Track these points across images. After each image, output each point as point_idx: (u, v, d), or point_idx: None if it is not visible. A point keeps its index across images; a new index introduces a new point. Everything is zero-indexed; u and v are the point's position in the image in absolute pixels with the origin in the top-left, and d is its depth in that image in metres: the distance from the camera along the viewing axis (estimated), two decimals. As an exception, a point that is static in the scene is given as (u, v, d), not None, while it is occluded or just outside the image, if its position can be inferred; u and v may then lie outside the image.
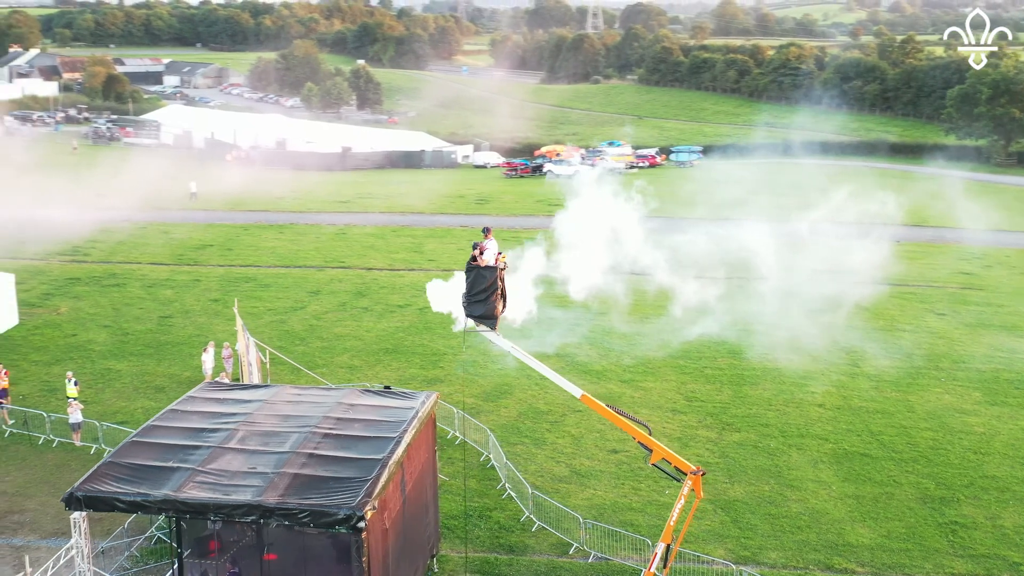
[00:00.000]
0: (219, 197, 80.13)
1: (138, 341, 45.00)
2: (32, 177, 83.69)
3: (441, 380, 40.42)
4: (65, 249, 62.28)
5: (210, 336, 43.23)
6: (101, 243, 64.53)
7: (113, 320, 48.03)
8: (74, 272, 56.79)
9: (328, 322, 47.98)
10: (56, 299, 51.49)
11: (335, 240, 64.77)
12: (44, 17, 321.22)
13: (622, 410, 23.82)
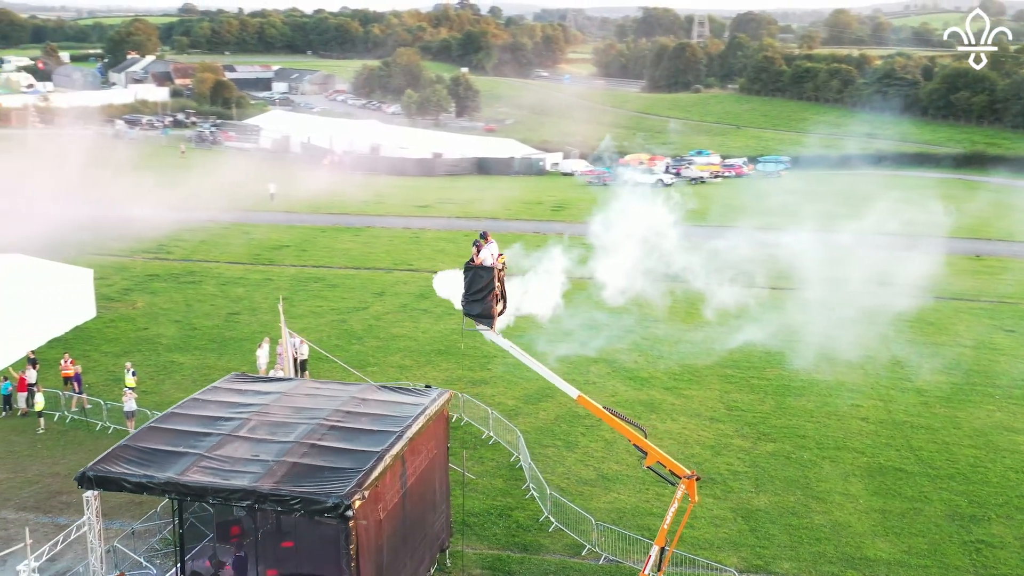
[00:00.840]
0: (300, 199, 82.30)
1: (204, 336, 46.78)
2: (132, 177, 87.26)
3: (486, 382, 41.10)
4: (150, 247, 64.97)
5: (271, 333, 44.63)
6: (185, 242, 67.11)
7: (184, 315, 50.02)
8: (155, 269, 59.26)
9: (387, 322, 49.09)
10: (134, 294, 53.82)
11: (408, 243, 66.10)
12: (165, 25, 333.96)
13: (619, 412, 24.12)
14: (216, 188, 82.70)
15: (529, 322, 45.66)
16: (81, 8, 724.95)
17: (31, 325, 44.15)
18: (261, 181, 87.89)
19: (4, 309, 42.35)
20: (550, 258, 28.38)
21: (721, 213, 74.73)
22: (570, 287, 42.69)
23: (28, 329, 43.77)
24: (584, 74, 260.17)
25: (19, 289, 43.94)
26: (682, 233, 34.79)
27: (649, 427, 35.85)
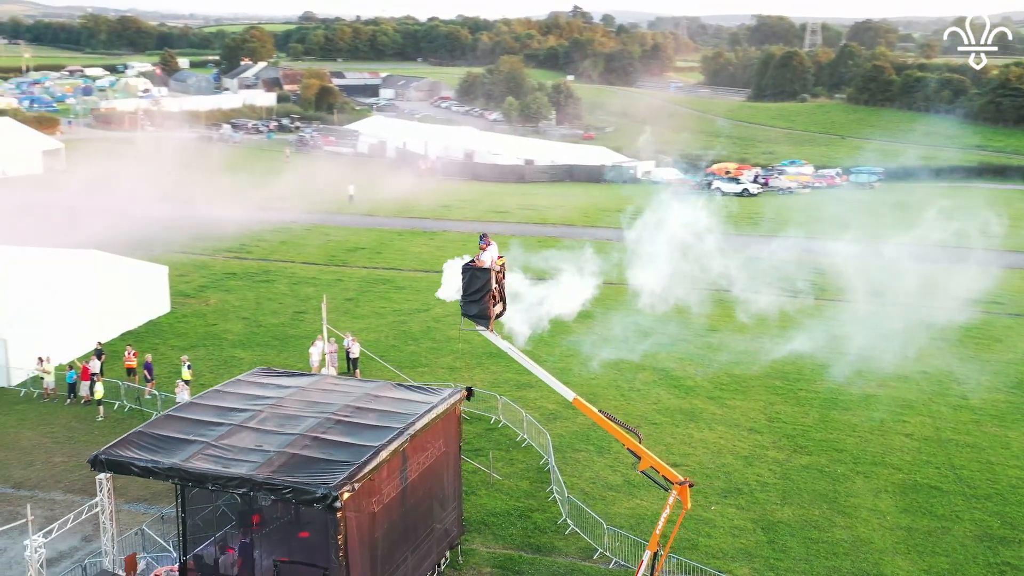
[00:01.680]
0: (380, 202, 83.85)
1: (268, 333, 48.29)
2: (227, 180, 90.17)
3: (531, 386, 41.45)
4: (232, 246, 67.17)
5: (330, 332, 45.73)
6: (265, 242, 69.17)
7: (252, 313, 51.67)
8: (232, 267, 61.30)
9: (445, 325, 49.80)
10: (209, 291, 55.80)
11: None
12: (283, 33, 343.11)
13: (614, 416, 24.29)
14: (304, 190, 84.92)
15: (581, 325, 46.17)
16: (209, 16, 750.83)
17: (105, 318, 46.25)
18: (348, 184, 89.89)
19: (79, 302, 44.42)
20: (587, 263, 28.86)
21: (786, 223, 73.54)
22: (615, 292, 43.10)
23: (102, 321, 45.88)
24: (691, 83, 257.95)
25: (94, 284, 46.01)
26: (736, 242, 34.82)
27: (685, 436, 36.03)
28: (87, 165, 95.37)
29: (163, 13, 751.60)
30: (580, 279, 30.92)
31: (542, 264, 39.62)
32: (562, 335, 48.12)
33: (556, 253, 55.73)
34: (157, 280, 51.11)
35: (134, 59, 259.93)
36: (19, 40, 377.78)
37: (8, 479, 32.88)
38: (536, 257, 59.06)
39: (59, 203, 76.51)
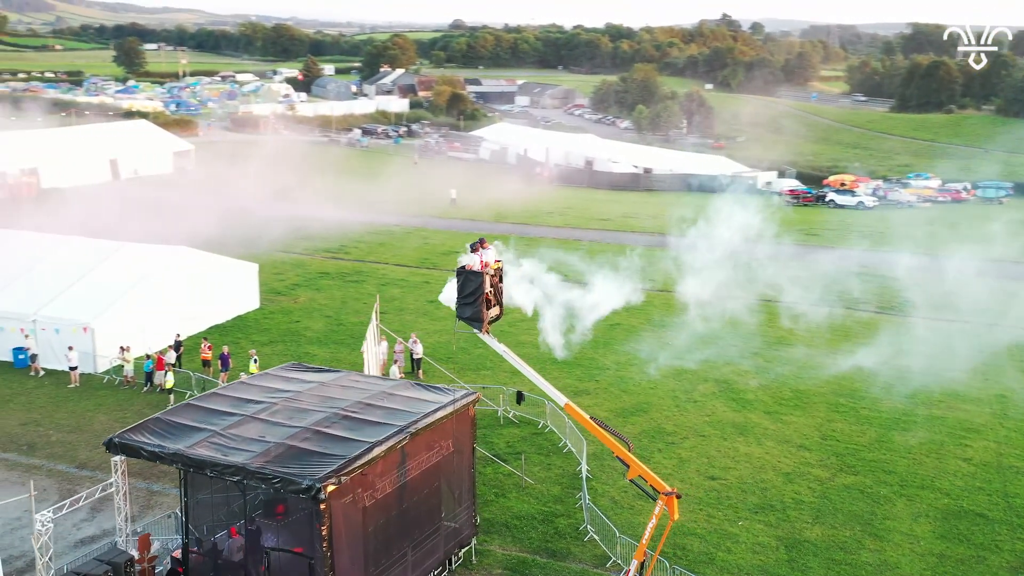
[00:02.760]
0: (486, 207, 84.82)
1: (345, 332, 49.63)
2: (344, 182, 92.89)
3: (588, 392, 41.51)
4: (332, 247, 69.17)
5: (408, 332, 46.56)
6: (364, 243, 70.95)
7: (336, 312, 53.18)
8: (327, 267, 63.16)
9: (519, 329, 49.98)
10: (300, 289, 57.67)
11: (569, 254, 66.66)
12: (428, 40, 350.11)
13: (605, 424, 24.26)
14: (413, 194, 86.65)
15: (650, 332, 45.81)
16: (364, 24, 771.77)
17: (193, 311, 48.42)
18: (462, 189, 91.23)
19: (166, 296, 46.62)
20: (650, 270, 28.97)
21: (884, 237, 71.43)
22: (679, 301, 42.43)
23: (190, 315, 48.06)
24: (834, 92, 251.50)
25: (183, 279, 48.19)
26: (819, 255, 34.06)
27: (730, 450, 35.49)
28: (214, 165, 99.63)
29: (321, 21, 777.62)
30: (617, 285, 31.07)
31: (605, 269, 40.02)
32: (626, 340, 48.04)
33: (624, 260, 55.59)
34: (247, 277, 53.13)
35: (283, 65, 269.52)
36: (183, 47, 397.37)
37: (73, 459, 34.82)
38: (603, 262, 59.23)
39: (178, 201, 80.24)
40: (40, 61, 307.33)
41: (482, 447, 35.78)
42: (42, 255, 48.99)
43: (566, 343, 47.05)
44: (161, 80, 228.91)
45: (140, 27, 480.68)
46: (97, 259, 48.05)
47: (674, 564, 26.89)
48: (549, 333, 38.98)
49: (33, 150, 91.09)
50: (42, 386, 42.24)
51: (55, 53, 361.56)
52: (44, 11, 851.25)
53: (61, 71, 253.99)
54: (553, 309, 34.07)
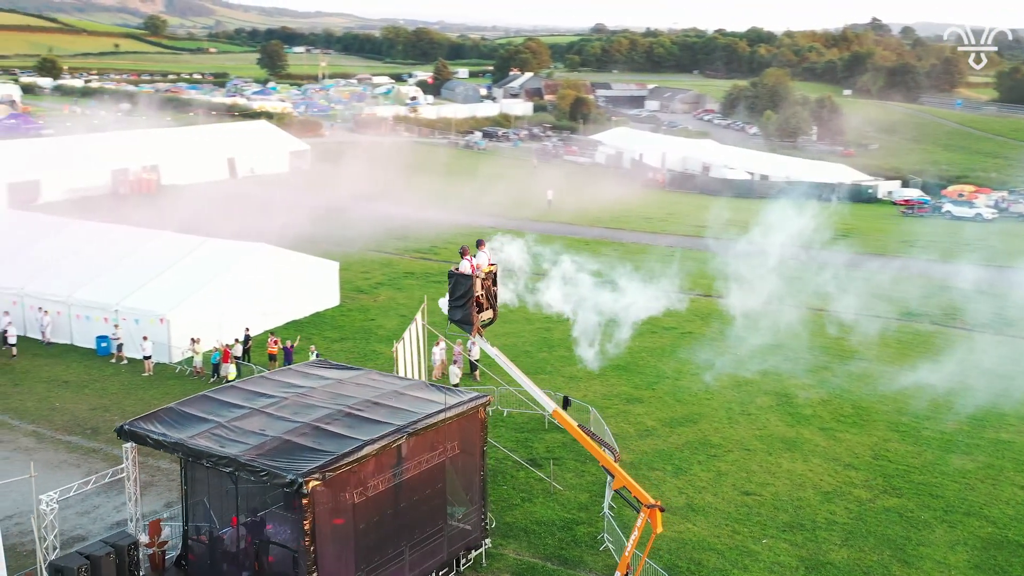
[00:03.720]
0: (585, 211, 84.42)
1: (416, 331, 50.17)
2: (451, 184, 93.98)
3: (642, 400, 41.02)
4: (422, 247, 70.03)
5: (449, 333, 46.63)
6: (455, 245, 70.67)
7: (410, 311, 53.54)
8: (413, 267, 63.99)
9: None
10: (383, 288, 58.64)
11: (658, 261, 65.78)
12: (564, 44, 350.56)
13: (592, 432, 23.92)
14: (515, 196, 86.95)
15: (716, 339, 44.92)
16: (509, 27, 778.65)
17: (271, 307, 49.81)
18: (568, 192, 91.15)
19: (243, 291, 48.08)
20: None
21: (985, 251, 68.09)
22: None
23: (267, 309, 49.47)
24: (982, 99, 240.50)
25: (261, 275, 49.61)
26: (914, 267, 32.86)
27: (772, 465, 34.56)
28: (328, 165, 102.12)
29: (468, 25, 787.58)
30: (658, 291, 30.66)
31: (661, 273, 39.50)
32: (690, 348, 47.15)
33: (686, 265, 54.31)
34: (328, 275, 54.30)
35: (419, 68, 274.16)
36: (330, 50, 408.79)
37: (128, 445, 36.28)
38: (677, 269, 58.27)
39: (285, 199, 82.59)
40: (193, 63, 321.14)
41: (521, 451, 35.80)
42: (132, 249, 51.16)
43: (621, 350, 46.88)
44: (299, 82, 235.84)
45: (290, 31, 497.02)
46: (181, 254, 49.88)
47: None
48: (583, 341, 38.90)
49: (156, 148, 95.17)
50: (119, 374, 44.11)
51: (209, 56, 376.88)
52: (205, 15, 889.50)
53: (208, 73, 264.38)
54: (585, 315, 33.93)
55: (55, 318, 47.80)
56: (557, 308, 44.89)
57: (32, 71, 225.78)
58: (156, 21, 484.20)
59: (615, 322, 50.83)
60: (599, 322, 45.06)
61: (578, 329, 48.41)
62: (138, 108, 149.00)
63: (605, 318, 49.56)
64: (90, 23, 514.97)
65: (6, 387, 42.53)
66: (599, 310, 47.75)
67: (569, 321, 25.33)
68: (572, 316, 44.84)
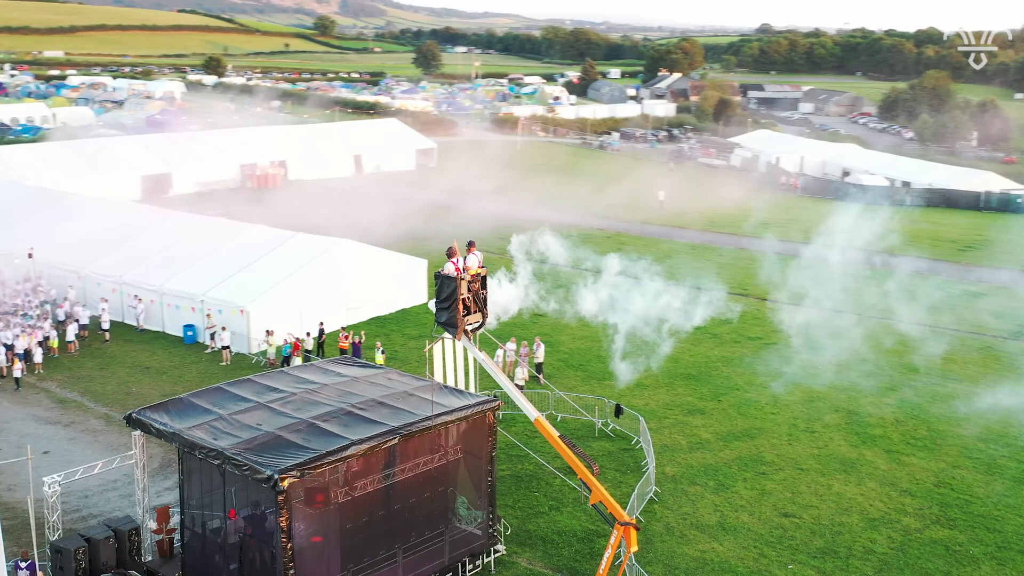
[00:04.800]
0: (698, 215, 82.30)
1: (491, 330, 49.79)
2: (572, 184, 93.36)
3: (703, 412, 39.70)
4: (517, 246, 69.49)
5: (536, 334, 46.28)
6: (559, 245, 70.77)
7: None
8: (509, 266, 63.55)
9: (667, 341, 48.66)
10: (473, 287, 58.50)
11: (761, 269, 63.51)
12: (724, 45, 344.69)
13: (574, 444, 23.09)
14: (629, 197, 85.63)
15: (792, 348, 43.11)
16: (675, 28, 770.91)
17: (355, 302, 50.46)
18: (687, 194, 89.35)
19: (324, 285, 48.87)
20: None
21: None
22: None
23: (352, 304, 50.15)
24: None
25: (345, 270, 50.32)
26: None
27: (822, 487, 32.92)
28: (454, 163, 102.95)
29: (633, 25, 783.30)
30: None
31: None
32: (768, 358, 45.32)
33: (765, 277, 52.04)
34: (416, 272, 54.60)
35: (571, 69, 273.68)
36: (491, 50, 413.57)
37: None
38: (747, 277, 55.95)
39: (402, 195, 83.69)
40: (357, 63, 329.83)
41: (558, 458, 34.96)
42: (225, 241, 52.73)
43: (697, 358, 45.44)
44: (451, 81, 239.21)
45: (454, 31, 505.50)
46: (270, 247, 51.10)
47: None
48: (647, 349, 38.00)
49: (285, 144, 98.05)
50: (199, 362, 45.48)
51: (373, 55, 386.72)
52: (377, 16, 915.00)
53: (366, 72, 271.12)
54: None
55: (148, 306, 49.65)
56: (612, 316, 44.26)
57: (200, 69, 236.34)
58: (325, 21, 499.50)
59: (686, 330, 49.71)
60: (667, 330, 44.22)
61: (642, 337, 47.57)
62: (286, 105, 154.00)
63: (675, 326, 48.46)
64: (264, 24, 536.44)
65: (92, 370, 44.44)
66: (666, 318, 46.79)
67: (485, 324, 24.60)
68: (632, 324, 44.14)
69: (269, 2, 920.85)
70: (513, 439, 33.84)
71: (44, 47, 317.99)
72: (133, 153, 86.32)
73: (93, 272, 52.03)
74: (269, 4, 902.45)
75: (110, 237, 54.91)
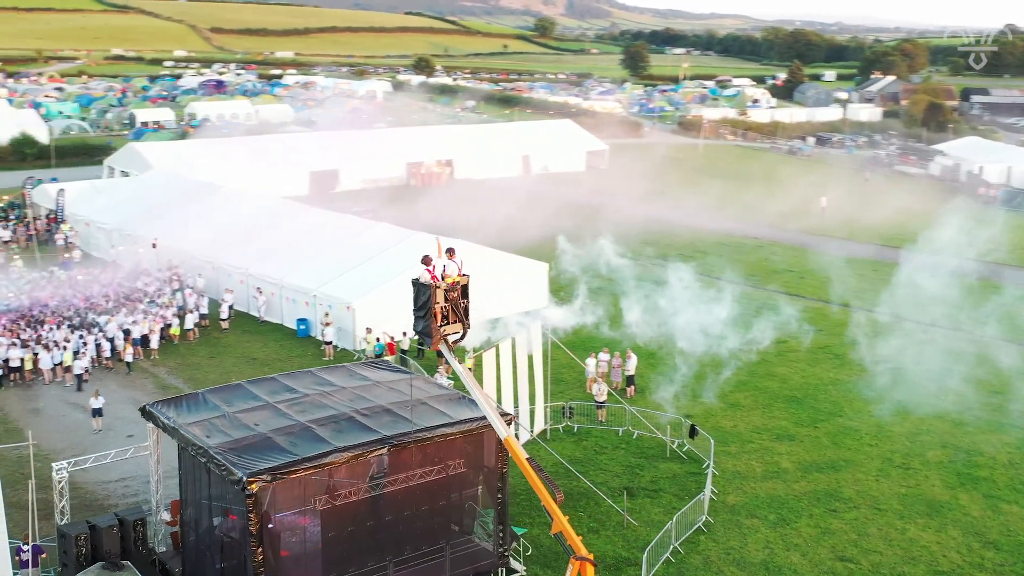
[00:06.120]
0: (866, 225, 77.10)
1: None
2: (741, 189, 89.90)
3: (793, 438, 36.99)
4: (669, 253, 67.27)
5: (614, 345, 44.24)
6: (703, 253, 68.18)
7: (609, 316, 51.93)
8: (640, 273, 61.67)
9: (781, 359, 45.83)
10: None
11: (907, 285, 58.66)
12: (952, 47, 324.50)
13: (541, 469, 21.55)
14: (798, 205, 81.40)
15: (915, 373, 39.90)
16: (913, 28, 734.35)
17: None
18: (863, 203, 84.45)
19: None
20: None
21: None
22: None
23: (464, 306, 49.72)
24: None
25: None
26: None
27: (895, 530, 30.22)
28: (626, 165, 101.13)
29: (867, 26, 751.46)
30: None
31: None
32: (888, 382, 41.68)
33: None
34: (536, 275, 53.68)
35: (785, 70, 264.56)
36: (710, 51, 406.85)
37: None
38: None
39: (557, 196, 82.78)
40: (571, 64, 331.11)
41: (625, 478, 33.40)
42: (348, 237, 53.55)
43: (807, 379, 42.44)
44: (655, 83, 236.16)
45: (673, 32, 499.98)
46: (387, 245, 51.44)
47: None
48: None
49: (454, 144, 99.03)
50: (304, 356, 46.22)
51: (588, 56, 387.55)
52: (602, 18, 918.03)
53: (573, 73, 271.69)
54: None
55: (269, 299, 50.99)
56: (726, 331, 41.94)
57: (410, 69, 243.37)
58: (545, 23, 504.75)
59: (804, 348, 46.57)
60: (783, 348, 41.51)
61: (755, 353, 44.86)
62: (479, 105, 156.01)
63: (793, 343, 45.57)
64: (485, 25, 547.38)
65: (203, 358, 45.99)
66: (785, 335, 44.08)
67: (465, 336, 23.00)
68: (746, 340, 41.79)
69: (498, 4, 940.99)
70: (555, 456, 32.43)
71: (277, 48, 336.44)
72: (306, 149, 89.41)
73: (225, 263, 53.92)
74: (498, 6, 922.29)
75: (247, 230, 56.82)
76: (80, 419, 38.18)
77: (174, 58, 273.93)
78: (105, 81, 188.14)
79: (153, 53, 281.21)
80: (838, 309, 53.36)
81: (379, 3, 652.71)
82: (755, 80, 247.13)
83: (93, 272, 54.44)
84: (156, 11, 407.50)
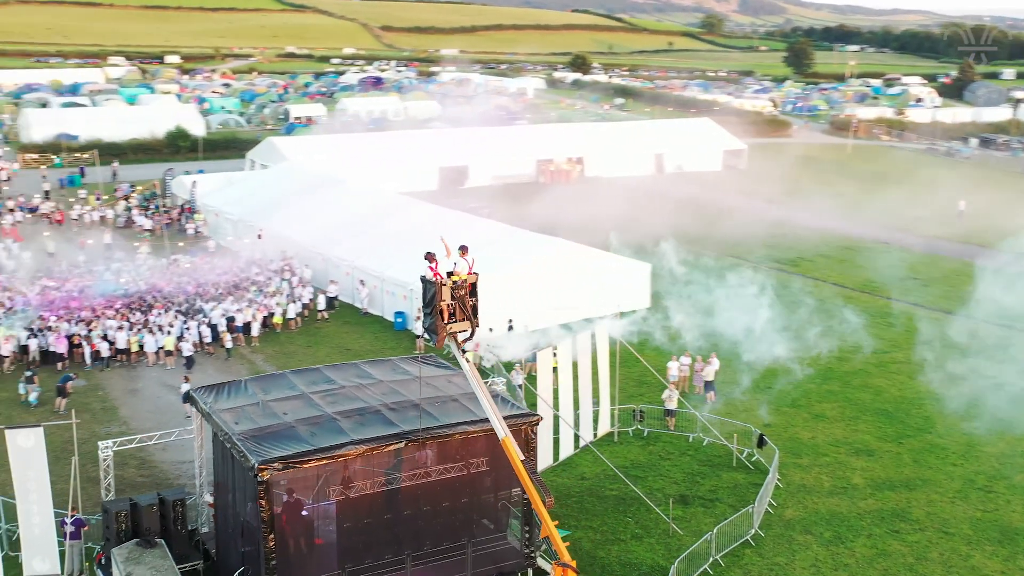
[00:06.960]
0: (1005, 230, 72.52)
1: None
2: (882, 193, 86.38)
3: (873, 454, 35.31)
4: (788, 257, 65.11)
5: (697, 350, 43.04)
6: (824, 258, 65.65)
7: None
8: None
9: (882, 370, 43.87)
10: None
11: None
12: None
13: (536, 473, 21.20)
14: (936, 209, 77.58)
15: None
16: None
17: (565, 303, 49.78)
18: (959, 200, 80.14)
19: (525, 285, 48.57)
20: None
21: None
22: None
23: (561, 305, 49.53)
24: None
25: (554, 271, 49.71)
26: None
27: (957, 559, 28.76)
28: (765, 165, 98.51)
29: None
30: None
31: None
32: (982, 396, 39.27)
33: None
34: (639, 276, 52.94)
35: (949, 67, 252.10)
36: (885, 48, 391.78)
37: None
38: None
39: (682, 197, 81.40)
40: (736, 61, 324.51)
41: (683, 485, 32.60)
42: (452, 232, 53.76)
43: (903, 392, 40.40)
44: (817, 81, 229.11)
45: (847, 29, 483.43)
46: (487, 241, 51.44)
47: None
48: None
49: (585, 141, 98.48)
50: (397, 349, 46.93)
51: (755, 54, 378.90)
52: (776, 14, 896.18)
53: (734, 71, 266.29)
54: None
55: (372, 291, 52.03)
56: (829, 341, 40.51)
57: (567, 67, 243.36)
58: (713, 20, 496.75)
59: (907, 360, 44.39)
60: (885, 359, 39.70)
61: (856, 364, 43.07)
62: (628, 103, 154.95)
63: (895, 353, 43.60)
64: (653, 22, 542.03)
65: (299, 347, 47.26)
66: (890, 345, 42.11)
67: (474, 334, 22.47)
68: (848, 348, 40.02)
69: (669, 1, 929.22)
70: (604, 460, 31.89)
71: (443, 45, 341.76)
72: (437, 145, 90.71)
73: (334, 255, 55.30)
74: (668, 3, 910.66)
75: (359, 223, 58.14)
76: (172, 401, 39.70)
77: (341, 55, 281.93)
78: (272, 78, 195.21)
79: (324, 51, 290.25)
80: (953, 319, 50.59)
81: (549, 1, 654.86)
82: (927, 78, 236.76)
83: (211, 260, 56.65)
84: (331, 10, 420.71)
